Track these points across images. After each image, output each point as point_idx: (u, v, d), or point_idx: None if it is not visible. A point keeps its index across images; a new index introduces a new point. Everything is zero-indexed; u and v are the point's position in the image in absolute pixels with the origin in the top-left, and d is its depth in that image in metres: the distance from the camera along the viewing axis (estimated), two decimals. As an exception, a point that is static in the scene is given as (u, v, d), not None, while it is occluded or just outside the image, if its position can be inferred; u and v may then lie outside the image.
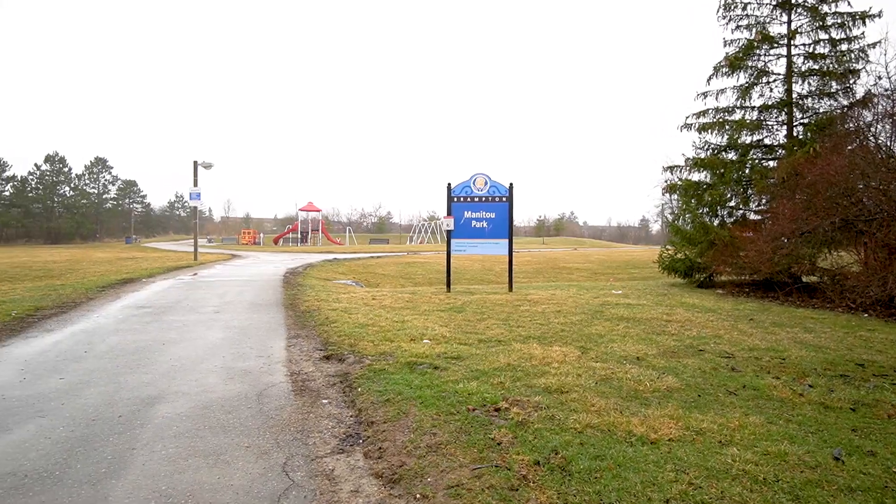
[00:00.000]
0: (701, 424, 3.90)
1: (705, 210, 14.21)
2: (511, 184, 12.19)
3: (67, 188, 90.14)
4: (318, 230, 63.28)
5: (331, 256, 29.97)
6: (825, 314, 9.36)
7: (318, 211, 65.74)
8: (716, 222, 14.07)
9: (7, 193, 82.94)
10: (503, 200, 12.20)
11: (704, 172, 14.45)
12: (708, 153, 14.58)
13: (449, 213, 12.23)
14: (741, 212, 14.32)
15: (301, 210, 64.10)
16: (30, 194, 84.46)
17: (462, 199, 12.24)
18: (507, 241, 12.18)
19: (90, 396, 4.70)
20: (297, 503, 2.94)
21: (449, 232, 12.30)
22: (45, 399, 4.63)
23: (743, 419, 4.03)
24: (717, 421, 3.98)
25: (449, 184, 12.22)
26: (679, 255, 14.58)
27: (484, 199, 12.21)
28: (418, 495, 2.98)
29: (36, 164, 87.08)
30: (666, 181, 15.00)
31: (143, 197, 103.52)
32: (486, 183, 12.18)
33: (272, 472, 3.30)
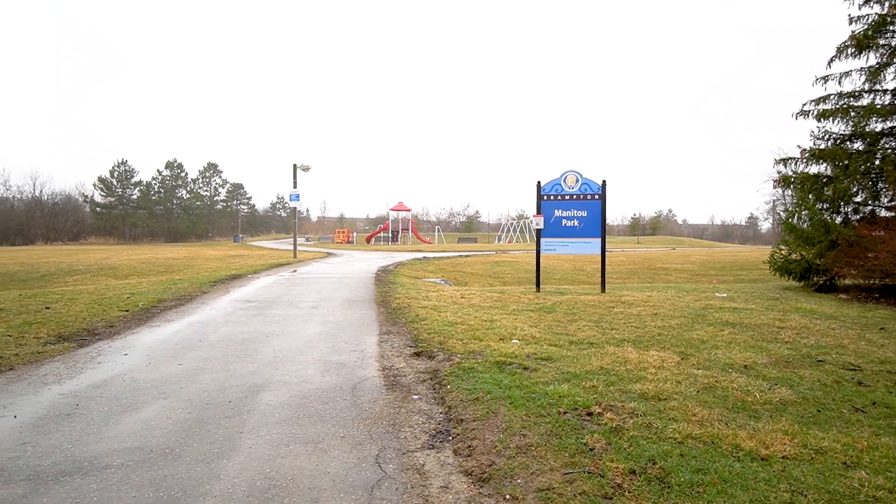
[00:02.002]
0: (821, 443, 3.53)
1: (825, 206, 12.88)
2: (604, 181, 11.77)
3: (184, 191, 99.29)
4: (407, 229, 64.89)
5: (420, 255, 30.61)
6: (976, 324, 8.14)
7: (408, 210, 67.44)
8: (838, 219, 12.71)
9: (135, 197, 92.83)
10: (595, 198, 11.81)
11: (824, 164, 13.09)
12: (829, 143, 13.20)
13: (538, 212, 12.04)
14: (869, 208, 12.82)
15: (392, 210, 66.07)
16: (153, 197, 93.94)
17: (552, 197, 12.00)
18: (599, 239, 11.78)
19: (204, 382, 5.12)
20: (390, 495, 3.01)
21: (538, 231, 12.11)
22: (166, 382, 5.10)
23: (873, 440, 3.59)
24: (840, 440, 3.59)
25: (538, 182, 12.03)
26: (794, 256, 13.34)
27: (575, 196, 11.89)
28: (508, 496, 2.94)
29: (158, 170, 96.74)
30: (778, 174, 13.76)
31: (249, 199, 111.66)
32: (577, 180, 11.85)
33: (366, 462, 3.41)
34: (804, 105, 13.33)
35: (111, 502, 2.90)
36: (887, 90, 12.47)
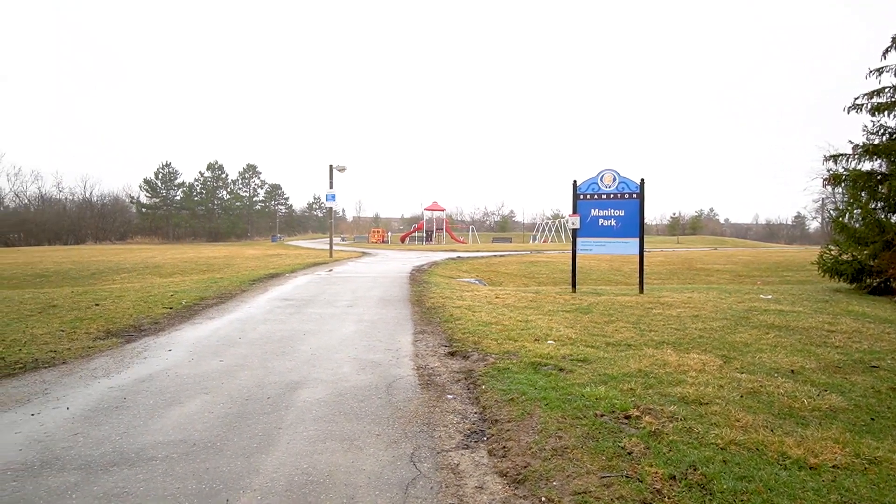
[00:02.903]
0: (875, 453, 3.36)
1: (880, 204, 12.27)
2: (642, 179, 11.52)
3: (225, 192, 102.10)
4: (442, 229, 64.98)
5: (454, 255, 30.62)
6: None
7: (443, 210, 67.52)
8: (893, 218, 12.10)
9: (178, 198, 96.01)
10: (633, 197, 11.57)
11: (878, 160, 12.48)
12: (884, 138, 12.57)
13: (574, 211, 11.88)
14: (927, 206, 12.17)
15: (426, 210, 66.29)
16: (195, 198, 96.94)
17: (588, 196, 11.82)
18: (637, 239, 11.54)
19: (244, 378, 5.24)
20: (424, 493, 3.01)
21: (574, 230, 11.95)
22: (208, 378, 5.25)
23: (933, 450, 3.40)
24: (896, 450, 3.41)
25: (574, 181, 11.87)
26: (845, 257, 12.75)
27: (612, 195, 11.67)
28: (544, 498, 2.91)
29: (200, 172, 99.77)
30: (828, 172, 13.20)
31: (287, 199, 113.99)
32: (614, 179, 11.64)
33: (400, 460, 3.42)
34: (856, 98, 12.74)
35: (156, 492, 3.00)
36: (948, 81, 11.80)
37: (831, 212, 15.56)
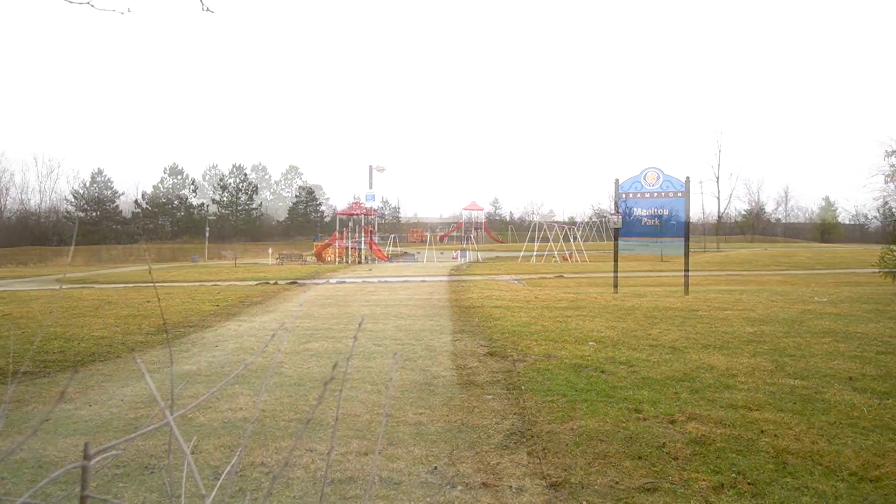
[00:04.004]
0: (944, 466, 3.15)
1: (946, 202, 11.55)
2: (687, 177, 11.22)
3: (268, 193, 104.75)
4: (480, 228, 64.82)
5: (493, 254, 30.50)
6: None
7: (481, 210, 67.35)
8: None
9: (224, 199, 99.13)
10: (678, 195, 11.26)
11: (945, 156, 11.75)
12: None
13: (616, 210, 11.65)
14: None
15: (464, 209, 66.25)
16: (240, 198, 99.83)
17: (631, 194, 11.57)
18: (682, 239, 11.24)
19: (286, 374, 5.36)
20: (463, 494, 3.00)
21: (616, 230, 11.72)
22: (252, 373, 5.40)
23: None
24: (968, 463, 3.18)
25: (616, 179, 11.65)
26: (907, 258, 12.07)
27: (656, 194, 11.39)
28: (585, 502, 2.85)
29: (245, 173, 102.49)
30: (891, 168, 12.53)
31: (327, 199, 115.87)
32: (658, 177, 11.36)
33: (439, 460, 3.42)
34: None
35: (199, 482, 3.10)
36: None
37: (894, 210, 14.74)
